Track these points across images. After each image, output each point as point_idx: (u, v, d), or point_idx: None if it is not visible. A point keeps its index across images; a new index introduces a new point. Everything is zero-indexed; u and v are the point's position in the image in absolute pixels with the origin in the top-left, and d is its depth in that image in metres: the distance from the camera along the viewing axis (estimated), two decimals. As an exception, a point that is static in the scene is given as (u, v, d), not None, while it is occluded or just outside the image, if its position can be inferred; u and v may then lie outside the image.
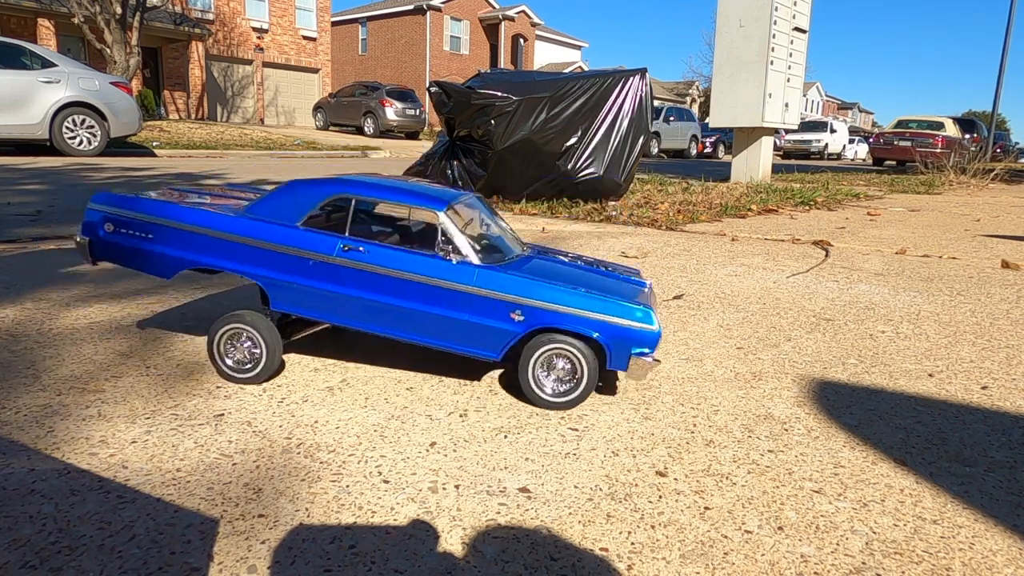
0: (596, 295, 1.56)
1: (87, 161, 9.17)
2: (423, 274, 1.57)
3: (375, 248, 1.59)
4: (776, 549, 1.07)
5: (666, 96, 42.31)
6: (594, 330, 1.54)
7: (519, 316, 1.56)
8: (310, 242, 1.61)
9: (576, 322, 1.55)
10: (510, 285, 1.56)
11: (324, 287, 1.61)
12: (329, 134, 21.98)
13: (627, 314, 1.54)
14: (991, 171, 10.78)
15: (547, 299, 1.55)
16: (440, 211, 1.61)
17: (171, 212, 1.65)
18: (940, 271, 3.35)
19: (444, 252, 1.58)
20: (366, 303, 1.60)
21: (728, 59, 8.61)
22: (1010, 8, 15.01)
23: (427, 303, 1.58)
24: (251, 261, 1.63)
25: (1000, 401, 1.70)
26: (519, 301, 1.55)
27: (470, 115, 5.11)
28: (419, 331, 1.60)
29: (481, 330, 1.58)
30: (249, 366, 1.64)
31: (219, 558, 1.00)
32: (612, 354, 1.55)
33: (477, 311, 1.57)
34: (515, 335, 1.57)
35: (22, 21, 19.21)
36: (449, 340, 1.60)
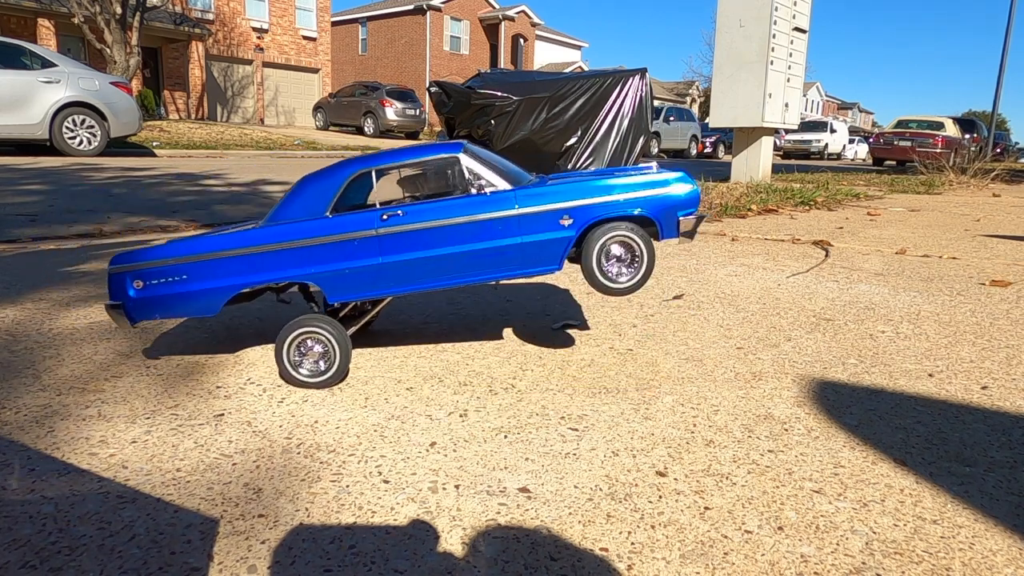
0: (627, 179, 1.65)
1: (87, 161, 9.17)
2: (468, 214, 1.61)
3: (412, 208, 1.61)
4: (776, 549, 1.07)
5: (666, 96, 42.30)
6: (636, 207, 1.64)
7: (568, 220, 1.63)
8: (349, 224, 1.61)
9: (622, 206, 1.64)
10: (550, 196, 1.63)
11: (376, 261, 1.62)
12: (329, 134, 21.98)
13: (663, 183, 1.66)
14: (991, 171, 10.78)
15: (588, 196, 1.63)
16: (459, 153, 1.66)
17: (200, 246, 1.63)
18: (940, 271, 3.35)
19: (478, 188, 1.63)
20: (421, 262, 1.62)
21: (728, 59, 8.61)
22: (1010, 8, 15.01)
23: (480, 240, 1.62)
24: (297, 264, 1.62)
25: (1000, 401, 1.70)
26: (564, 206, 1.63)
27: (470, 115, 5.11)
28: (479, 270, 1.65)
29: (537, 246, 1.64)
30: (323, 368, 1.64)
31: (219, 558, 1.00)
32: (662, 224, 1.68)
33: (529, 230, 1.63)
34: (569, 239, 1.64)
35: (22, 21, 19.22)
36: (509, 268, 1.65)
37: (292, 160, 12.50)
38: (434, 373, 1.79)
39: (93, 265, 2.89)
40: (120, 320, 1.66)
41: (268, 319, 2.22)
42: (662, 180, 1.67)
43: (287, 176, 8.34)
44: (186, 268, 1.63)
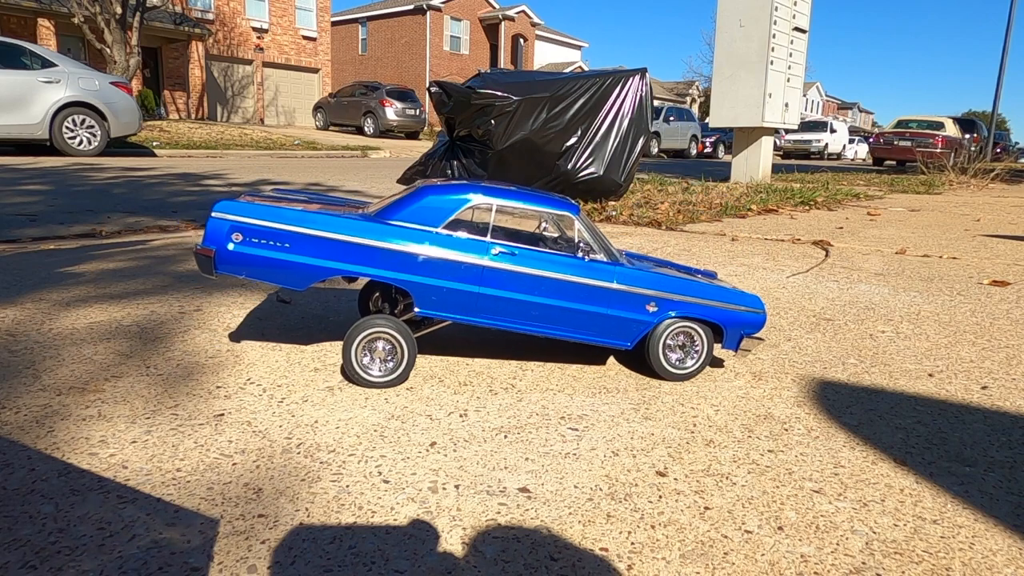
0: (718, 287, 1.79)
1: (87, 161, 9.17)
2: (571, 274, 1.69)
3: (525, 252, 1.68)
4: (776, 549, 1.07)
5: (666, 96, 42.31)
6: (715, 316, 1.76)
7: (653, 307, 1.74)
8: (462, 246, 1.65)
9: (700, 310, 1.75)
10: (646, 280, 1.73)
11: (473, 288, 1.66)
12: (329, 134, 21.98)
13: (743, 301, 1.79)
14: (991, 171, 10.78)
15: (681, 292, 1.74)
16: (576, 215, 1.74)
17: (312, 221, 1.62)
18: (940, 271, 3.35)
19: (584, 253, 1.71)
20: (512, 303, 1.68)
21: (728, 59, 8.61)
22: (1010, 8, 15.01)
23: (573, 300, 1.70)
24: (398, 266, 1.64)
25: (1000, 401, 1.70)
26: (654, 294, 1.73)
27: (470, 115, 5.11)
28: (559, 326, 1.72)
29: (619, 322, 1.73)
30: (391, 367, 1.67)
31: (219, 558, 1.00)
32: (728, 335, 1.79)
33: (618, 305, 1.72)
34: (649, 325, 1.74)
35: (22, 21, 19.22)
36: (588, 332, 1.74)
37: (292, 160, 12.50)
38: (434, 373, 1.79)
39: (93, 265, 2.89)
40: (205, 266, 1.64)
41: (267, 319, 2.22)
42: (744, 297, 1.80)
43: (287, 176, 8.34)
44: (293, 238, 1.62)
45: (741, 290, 1.82)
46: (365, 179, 8.42)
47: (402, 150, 17.00)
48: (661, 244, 3.92)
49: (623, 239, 4.07)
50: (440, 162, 5.56)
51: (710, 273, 2.06)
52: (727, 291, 1.78)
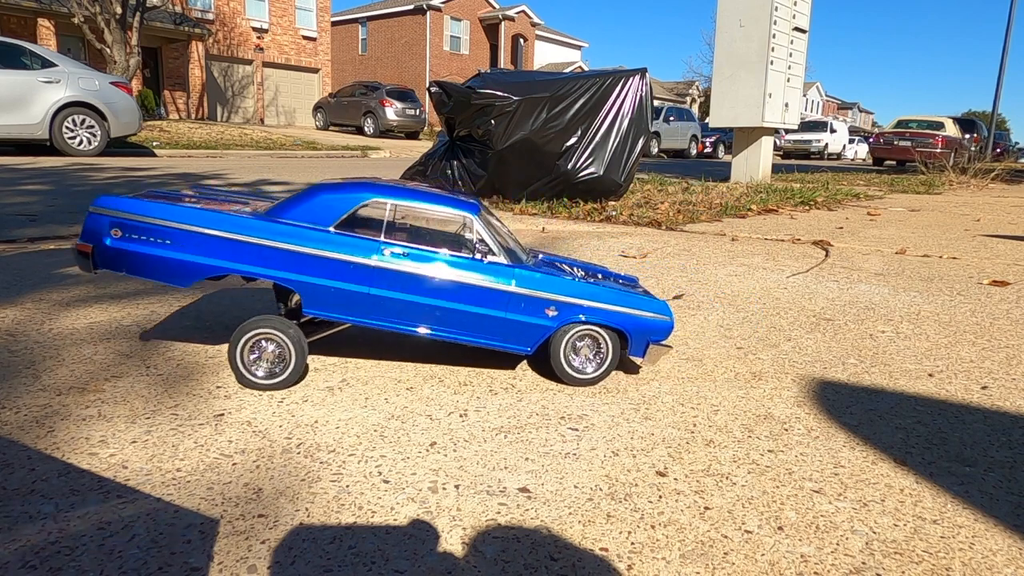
0: (622, 291, 1.74)
1: (87, 161, 9.17)
2: (466, 276, 1.65)
3: (416, 251, 1.63)
4: (776, 549, 1.07)
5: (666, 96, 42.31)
6: (618, 322, 1.71)
7: (553, 312, 1.69)
8: (352, 246, 1.61)
9: (603, 315, 1.70)
10: (545, 284, 1.68)
11: (364, 290, 1.62)
12: (329, 134, 21.98)
13: (648, 307, 1.74)
14: (991, 171, 10.78)
15: (582, 296, 1.69)
16: (475, 215, 1.69)
17: (195, 217, 1.59)
18: (940, 271, 3.35)
19: (481, 254, 1.67)
20: (406, 304, 1.64)
21: (728, 59, 8.61)
22: (1010, 8, 15.01)
23: (469, 303, 1.65)
24: (285, 266, 1.60)
25: (1000, 401, 1.70)
26: (553, 298, 1.68)
27: (470, 115, 5.10)
28: (457, 329, 1.68)
29: (518, 326, 1.68)
30: (278, 370, 1.63)
31: (219, 558, 1.00)
32: (633, 342, 1.74)
33: (516, 308, 1.67)
34: (549, 329, 1.69)
35: (22, 21, 19.22)
36: (486, 336, 1.69)
37: (292, 160, 12.50)
38: (434, 373, 1.79)
39: (93, 265, 2.89)
40: (83, 263, 1.62)
41: (268, 319, 2.22)
42: (650, 303, 1.75)
43: (287, 176, 8.34)
44: (173, 234, 1.59)
45: (649, 296, 1.78)
46: (365, 179, 8.41)
47: (402, 150, 17.00)
48: (661, 244, 3.92)
49: (623, 239, 4.07)
50: (440, 162, 5.56)
51: (631, 279, 2.02)
52: (632, 296, 1.73)
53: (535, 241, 3.93)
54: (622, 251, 3.65)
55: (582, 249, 3.69)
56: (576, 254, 3.53)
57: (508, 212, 4.90)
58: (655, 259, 3.46)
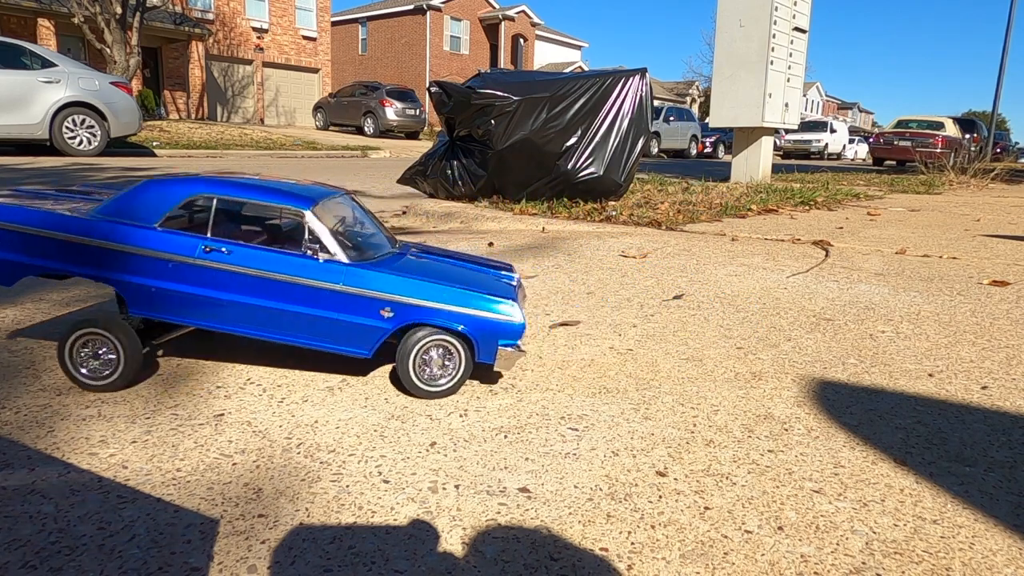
0: (461, 289, 1.60)
1: (87, 161, 9.18)
2: (290, 274, 1.55)
3: (239, 249, 1.55)
4: (776, 549, 1.07)
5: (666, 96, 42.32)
6: (460, 323, 1.59)
7: (388, 313, 1.58)
8: (170, 244, 1.54)
9: (443, 316, 1.59)
10: (378, 282, 1.57)
11: (186, 290, 1.56)
12: (329, 134, 21.99)
13: (490, 307, 1.60)
14: (991, 171, 10.78)
15: (414, 295, 1.57)
16: (306, 209, 1.58)
17: (10, 215, 1.55)
18: (940, 271, 3.35)
19: (311, 251, 1.56)
20: (232, 305, 1.56)
21: (728, 59, 8.61)
22: (1010, 8, 15.01)
23: (295, 303, 1.56)
24: (104, 264, 1.55)
25: (1000, 401, 1.70)
26: (387, 298, 1.57)
27: (470, 115, 5.10)
28: (288, 331, 1.59)
29: (351, 328, 1.58)
30: (107, 373, 1.57)
31: (219, 558, 1.00)
32: (479, 346, 1.61)
33: (346, 309, 1.57)
34: (385, 331, 1.59)
35: (22, 21, 19.22)
36: (320, 339, 1.60)
37: (292, 160, 12.50)
38: (434, 373, 1.79)
39: (93, 265, 2.89)
40: None
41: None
42: (496, 303, 1.61)
43: (287, 176, 8.34)
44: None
45: (495, 296, 1.62)
46: (365, 179, 8.42)
47: (402, 150, 17.00)
48: (661, 244, 3.92)
49: (623, 239, 4.07)
50: (440, 162, 5.56)
51: (504, 275, 1.86)
52: (475, 296, 1.60)
53: (535, 241, 3.93)
54: (622, 251, 3.65)
55: (582, 249, 3.69)
56: (576, 254, 3.53)
57: (508, 212, 4.90)
58: (655, 259, 3.46)
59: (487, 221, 4.68)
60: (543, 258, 3.42)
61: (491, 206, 5.21)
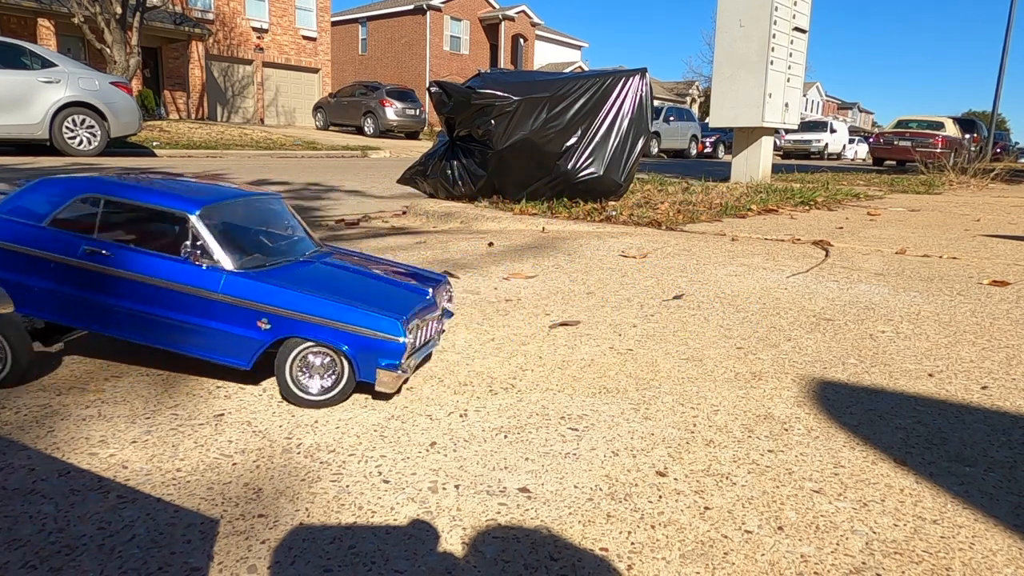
0: (342, 304, 1.51)
1: (87, 161, 9.18)
2: (169, 279, 1.52)
3: (120, 251, 1.53)
4: (776, 549, 1.07)
5: (666, 96, 42.33)
6: (338, 339, 1.51)
7: (266, 324, 1.52)
8: (53, 243, 1.54)
9: (321, 331, 1.51)
10: (256, 292, 1.51)
11: (68, 291, 1.55)
12: (329, 134, 21.99)
13: (371, 324, 1.50)
14: (991, 171, 10.78)
15: (292, 307, 1.51)
16: (191, 213, 1.54)
17: None
18: (940, 271, 3.35)
19: (193, 256, 1.52)
20: (113, 309, 1.55)
21: (728, 59, 8.61)
22: (1010, 8, 15.01)
23: (173, 310, 1.53)
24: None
25: (1000, 401, 1.70)
26: (264, 309, 1.51)
27: (470, 115, 5.10)
28: (168, 338, 1.56)
29: (228, 338, 1.54)
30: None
31: (219, 558, 1.00)
32: (357, 364, 1.52)
33: (224, 318, 1.53)
34: (262, 344, 1.53)
35: (22, 21, 19.22)
36: (199, 348, 1.56)
37: (292, 160, 12.50)
38: (434, 373, 1.79)
39: (93, 265, 2.89)
40: None
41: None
42: (376, 320, 1.51)
43: (287, 176, 8.35)
44: None
45: (378, 312, 1.51)
46: (365, 179, 8.42)
47: (402, 150, 17.00)
48: (661, 244, 3.92)
49: (623, 239, 4.07)
50: (440, 162, 5.56)
51: (411, 286, 1.77)
52: (353, 311, 1.50)
53: (535, 241, 3.93)
54: (622, 251, 3.65)
55: (582, 249, 3.69)
56: (576, 254, 3.53)
57: (508, 212, 4.90)
58: (655, 259, 3.46)
59: (487, 221, 4.68)
60: (543, 258, 3.42)
61: (491, 206, 5.21)
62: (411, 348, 1.54)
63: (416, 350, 1.63)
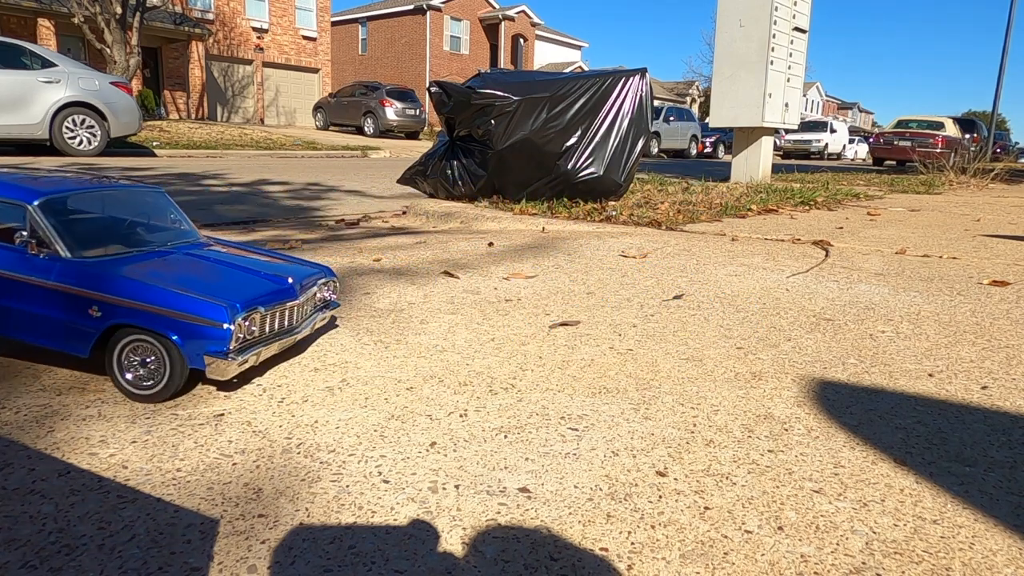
0: (166, 290, 1.51)
1: (87, 161, 9.18)
2: (5, 268, 1.57)
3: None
4: (776, 549, 1.07)
5: (666, 96, 42.33)
6: (163, 326, 1.50)
7: (96, 312, 1.53)
8: None
9: (147, 318, 1.51)
10: (85, 280, 1.54)
11: None
12: (329, 134, 21.99)
13: (194, 309, 1.49)
14: (991, 171, 10.78)
15: (119, 294, 1.52)
16: (30, 203, 1.58)
17: None
18: (940, 271, 3.35)
19: (29, 246, 1.57)
20: None
21: (728, 59, 8.61)
22: (1010, 8, 15.02)
23: (11, 299, 1.58)
24: None
25: (1000, 401, 1.70)
26: (94, 296, 1.53)
27: (470, 115, 5.10)
28: (12, 328, 1.60)
29: (64, 327, 1.57)
30: None
31: (219, 558, 1.00)
32: (185, 352, 1.50)
33: (58, 307, 1.56)
34: (95, 331, 1.54)
35: (22, 21, 19.22)
36: (41, 337, 1.60)
37: (292, 160, 12.50)
38: (434, 373, 1.79)
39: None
40: None
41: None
42: (196, 305, 1.49)
43: (287, 176, 8.35)
44: None
45: (203, 298, 1.51)
46: (365, 179, 8.42)
47: (402, 150, 17.00)
48: (661, 244, 3.92)
49: (623, 239, 4.07)
50: (440, 162, 5.56)
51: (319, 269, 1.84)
52: (173, 295, 1.50)
53: (535, 241, 3.93)
54: (622, 251, 3.65)
55: (582, 249, 3.69)
56: (576, 254, 3.53)
57: (508, 212, 4.90)
58: (655, 259, 3.46)
59: (487, 221, 4.68)
60: (543, 258, 3.42)
61: (491, 206, 5.21)
62: (244, 336, 1.54)
63: (264, 339, 1.64)
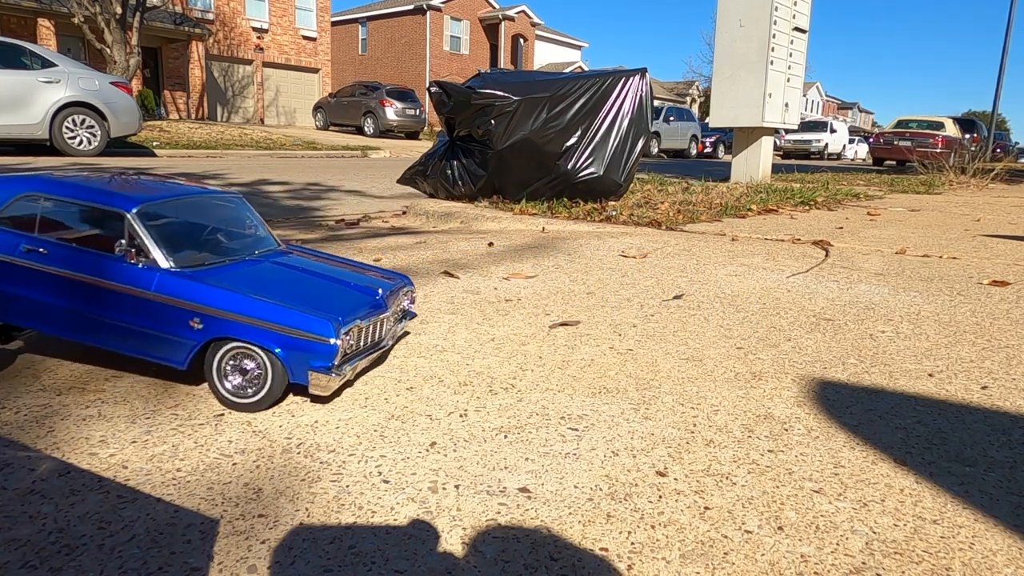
0: (273, 304, 1.49)
1: (87, 161, 9.18)
2: (104, 278, 1.52)
3: (57, 249, 1.54)
4: (776, 549, 1.07)
5: (666, 96, 42.34)
6: (268, 340, 1.48)
7: (198, 324, 1.50)
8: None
9: (252, 332, 1.48)
10: (188, 291, 1.50)
11: (10, 289, 1.57)
12: (329, 134, 22.00)
13: (302, 324, 1.47)
14: (991, 171, 10.78)
15: (223, 307, 1.48)
16: (127, 211, 1.54)
17: None
18: (940, 271, 3.35)
19: (129, 255, 1.52)
20: (52, 307, 1.56)
21: (728, 59, 8.61)
22: (1010, 8, 15.01)
23: (109, 308, 1.54)
24: None
25: (1000, 401, 1.70)
26: (196, 308, 1.49)
27: (470, 115, 5.10)
28: (106, 337, 1.56)
29: (161, 338, 1.53)
30: None
31: (219, 558, 1.00)
32: (289, 366, 1.48)
33: (156, 318, 1.52)
34: (195, 344, 1.51)
35: (22, 21, 19.23)
36: (136, 348, 1.56)
37: (292, 160, 12.50)
38: (434, 373, 1.79)
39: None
40: None
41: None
42: (305, 320, 1.47)
43: (287, 176, 8.35)
44: None
45: (310, 312, 1.48)
46: (364, 179, 8.43)
47: (402, 150, 17.00)
48: (661, 244, 3.92)
49: (623, 239, 4.07)
50: (440, 162, 5.56)
51: (400, 278, 1.82)
52: (282, 311, 1.47)
53: (535, 241, 3.93)
54: (622, 251, 3.65)
55: (582, 249, 3.69)
56: (576, 254, 3.53)
57: (508, 212, 4.90)
58: (655, 259, 3.46)
59: (487, 221, 4.68)
60: (543, 258, 3.42)
61: (491, 206, 5.21)
62: (344, 351, 1.51)
63: (360, 352, 1.61)
